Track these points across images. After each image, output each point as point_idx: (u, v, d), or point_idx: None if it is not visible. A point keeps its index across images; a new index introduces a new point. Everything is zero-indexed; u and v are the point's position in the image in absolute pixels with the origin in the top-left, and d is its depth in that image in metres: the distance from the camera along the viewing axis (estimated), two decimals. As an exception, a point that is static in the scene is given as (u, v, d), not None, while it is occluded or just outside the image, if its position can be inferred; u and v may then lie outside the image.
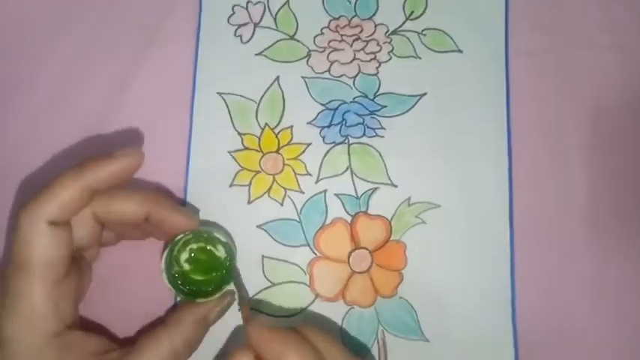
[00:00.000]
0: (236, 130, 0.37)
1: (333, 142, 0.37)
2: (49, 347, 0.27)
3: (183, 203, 0.35)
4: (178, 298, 0.34)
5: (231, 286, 0.32)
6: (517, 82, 0.37)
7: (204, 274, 0.32)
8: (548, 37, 0.38)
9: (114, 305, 0.34)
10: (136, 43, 0.38)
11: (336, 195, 0.36)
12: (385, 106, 0.38)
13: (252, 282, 0.35)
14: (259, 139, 0.37)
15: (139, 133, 0.37)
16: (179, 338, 0.29)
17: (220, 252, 0.32)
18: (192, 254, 0.32)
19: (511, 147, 0.37)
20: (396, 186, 0.36)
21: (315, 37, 0.38)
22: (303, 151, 0.37)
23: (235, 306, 0.33)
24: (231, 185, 0.36)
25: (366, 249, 0.36)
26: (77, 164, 0.28)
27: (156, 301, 0.34)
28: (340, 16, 0.39)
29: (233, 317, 0.33)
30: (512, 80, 0.38)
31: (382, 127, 0.37)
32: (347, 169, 0.37)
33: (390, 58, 0.38)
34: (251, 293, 0.35)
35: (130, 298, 0.34)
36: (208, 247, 0.32)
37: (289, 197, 0.36)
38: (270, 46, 0.38)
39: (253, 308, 0.34)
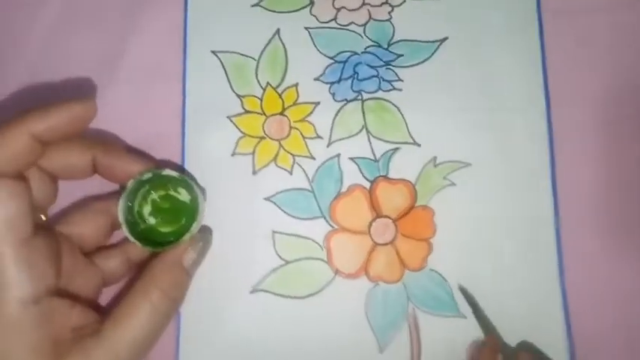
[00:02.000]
0: (234, 92, 0.33)
1: (345, 100, 0.33)
2: (26, 317, 0.23)
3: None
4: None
5: (200, 229, 0.29)
6: (551, 14, 0.33)
7: (173, 223, 0.29)
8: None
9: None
10: (122, 3, 0.34)
11: (352, 159, 0.32)
12: (401, 55, 0.33)
13: (263, 261, 0.31)
14: (261, 100, 0.33)
15: (131, 109, 0.33)
16: (157, 294, 0.26)
17: (183, 195, 0.29)
18: (155, 205, 0.29)
19: (549, 95, 0.32)
20: (419, 145, 0.32)
21: (317, -18, 0.34)
22: (312, 112, 0.32)
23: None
24: (233, 154, 0.32)
25: (389, 217, 0.31)
26: (24, 112, 0.25)
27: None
28: (345, -44, 0.34)
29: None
30: (546, 17, 0.33)
31: (399, 79, 0.33)
32: (362, 128, 0.32)
33: (404, 1, 0.34)
34: (262, 273, 0.31)
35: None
36: (170, 193, 0.29)
37: (298, 164, 0.32)
38: (267, -5, 0.34)
39: (266, 290, 0.31)
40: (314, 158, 0.32)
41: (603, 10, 0.33)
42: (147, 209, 0.29)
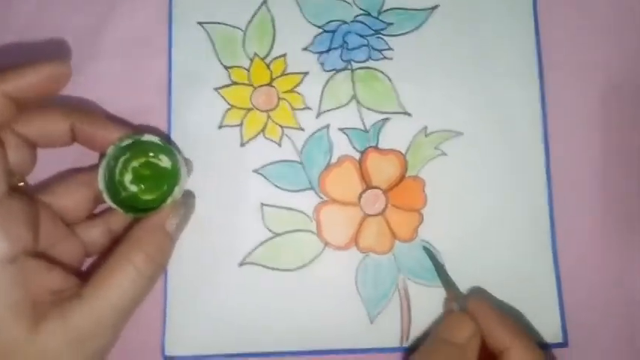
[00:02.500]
0: (221, 64, 0.32)
1: (334, 69, 0.32)
2: (3, 275, 0.23)
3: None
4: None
5: (183, 194, 0.29)
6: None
7: (155, 190, 0.29)
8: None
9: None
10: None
11: (341, 130, 0.31)
12: (392, 24, 0.32)
13: (252, 233, 0.31)
14: (248, 71, 0.32)
15: (116, 82, 0.32)
16: (140, 257, 0.26)
17: (165, 162, 0.29)
18: (136, 173, 0.29)
19: (542, 61, 0.32)
20: (409, 115, 0.31)
21: (305, -51, 0.33)
22: (300, 82, 0.32)
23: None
24: (220, 126, 0.32)
25: (379, 188, 0.31)
26: None
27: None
28: None
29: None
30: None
31: (390, 48, 0.32)
32: (352, 99, 0.32)
33: (395, -31, 0.33)
34: (251, 245, 0.31)
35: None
36: (151, 161, 0.29)
37: (287, 136, 0.32)
38: (253, -36, 0.33)
39: (255, 263, 0.30)
40: (303, 129, 0.32)
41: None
42: (128, 177, 0.29)
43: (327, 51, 0.32)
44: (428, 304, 0.30)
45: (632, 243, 0.30)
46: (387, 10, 0.33)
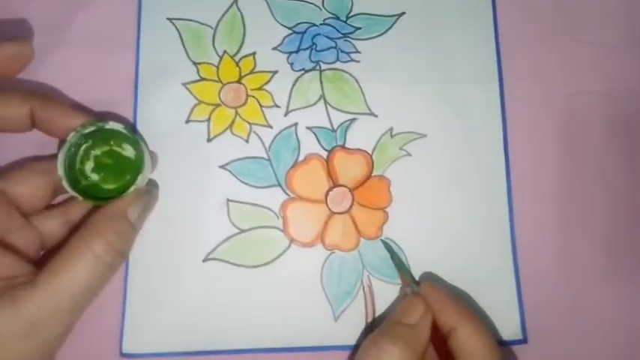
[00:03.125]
0: (190, 60, 0.32)
1: (303, 69, 0.32)
2: None
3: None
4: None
5: (148, 183, 0.29)
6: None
7: (116, 180, 0.28)
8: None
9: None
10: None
11: (309, 128, 0.32)
12: (360, 28, 0.33)
13: (217, 229, 0.30)
14: (217, 68, 0.32)
15: (82, 71, 0.31)
16: (100, 244, 0.25)
17: (128, 151, 0.28)
18: (98, 162, 0.28)
19: (501, 67, 0.33)
20: (376, 115, 0.32)
21: (276, -47, 0.34)
22: (269, 80, 0.32)
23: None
24: (187, 121, 0.31)
25: (346, 187, 0.31)
26: None
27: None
28: None
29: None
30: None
31: (357, 51, 0.33)
32: (320, 98, 0.32)
33: (363, -24, 0.34)
34: (216, 241, 0.30)
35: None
36: (114, 149, 0.28)
37: (255, 133, 0.32)
38: (225, -36, 0.33)
39: (219, 259, 0.30)
40: (271, 127, 0.32)
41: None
42: (89, 165, 0.28)
43: (297, 51, 0.33)
44: (392, 301, 0.30)
45: (587, 241, 0.32)
46: (355, 14, 0.33)
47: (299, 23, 0.33)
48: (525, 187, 0.32)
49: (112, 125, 0.28)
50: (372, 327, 0.30)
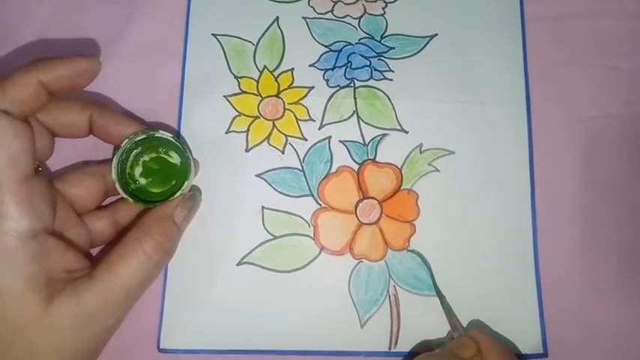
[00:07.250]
0: (232, 74, 0.34)
1: (338, 86, 0.34)
2: (22, 249, 0.24)
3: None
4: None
5: (191, 188, 0.31)
6: (533, 20, 0.35)
7: (163, 184, 0.30)
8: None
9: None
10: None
11: (342, 142, 0.33)
12: (393, 48, 0.35)
13: (251, 235, 0.32)
14: (257, 82, 0.34)
15: (131, 82, 0.34)
16: (150, 243, 0.27)
17: (174, 158, 0.30)
18: (146, 167, 0.30)
19: (529, 89, 0.34)
20: (406, 132, 0.34)
21: (316, -24, 0.35)
22: (305, 95, 0.34)
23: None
24: (227, 132, 0.33)
25: (375, 199, 0.33)
26: (34, 61, 0.26)
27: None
28: (344, -47, 0.36)
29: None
30: (528, 17, 0.35)
31: (390, 70, 0.34)
32: (353, 113, 0.34)
33: (397, -2, 0.36)
34: (250, 246, 0.32)
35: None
36: (162, 156, 0.30)
37: (291, 144, 0.33)
38: (268, -15, 0.35)
39: (252, 263, 0.32)
40: (306, 139, 0.33)
41: (582, 16, 0.35)
42: (138, 170, 0.30)
43: (332, 68, 0.34)
44: (416, 312, 0.31)
45: (608, 258, 0.32)
46: (390, 35, 0.35)
47: (335, 42, 0.35)
48: (549, 205, 0.33)
49: (162, 134, 0.30)
50: (397, 336, 0.31)
